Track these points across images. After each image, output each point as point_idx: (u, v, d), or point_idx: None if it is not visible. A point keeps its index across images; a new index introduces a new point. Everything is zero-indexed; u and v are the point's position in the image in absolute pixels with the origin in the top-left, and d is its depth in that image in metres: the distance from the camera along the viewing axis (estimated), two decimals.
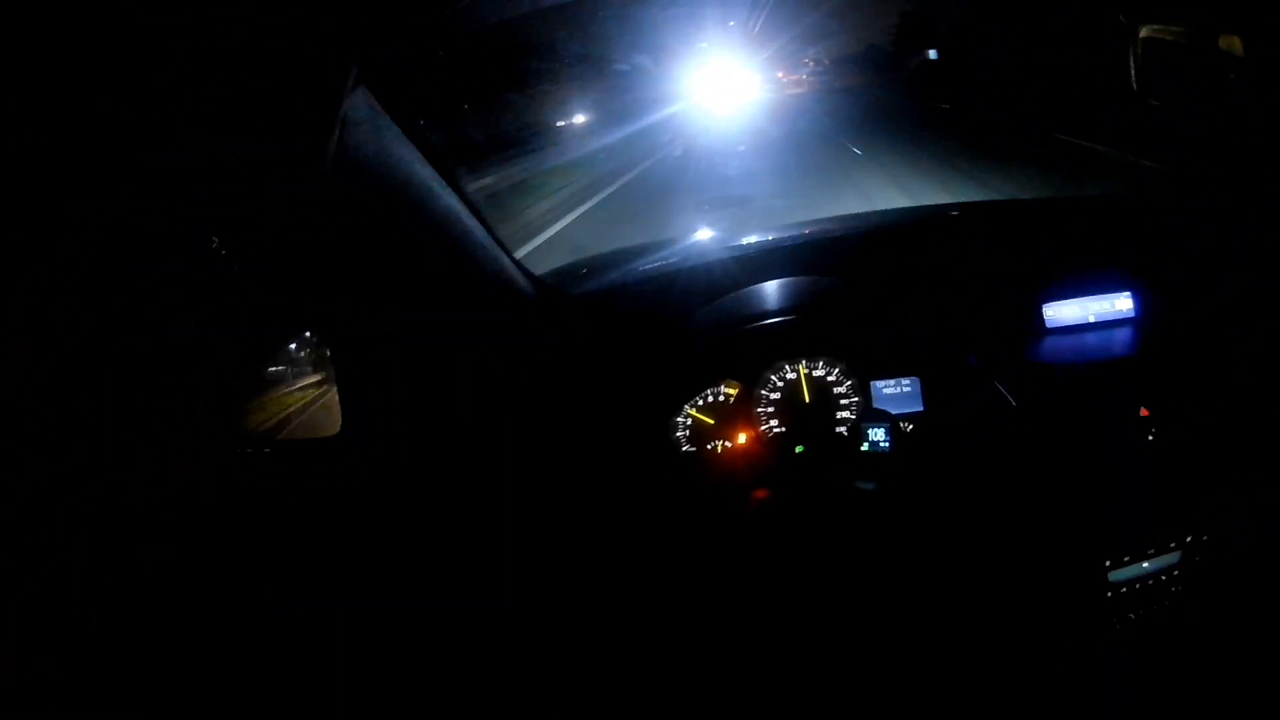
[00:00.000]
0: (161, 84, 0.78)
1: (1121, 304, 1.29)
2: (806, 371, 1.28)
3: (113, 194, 0.86)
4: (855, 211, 1.66)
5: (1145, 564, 1.09)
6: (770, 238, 1.44)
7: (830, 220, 1.59)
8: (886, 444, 1.22)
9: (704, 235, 1.62)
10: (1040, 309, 1.28)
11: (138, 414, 0.98)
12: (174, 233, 0.92)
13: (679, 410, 1.26)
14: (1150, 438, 1.16)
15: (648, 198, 7.87)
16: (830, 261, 1.37)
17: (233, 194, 0.86)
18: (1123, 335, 1.27)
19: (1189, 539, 1.11)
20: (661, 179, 8.89)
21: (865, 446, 1.23)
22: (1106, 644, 1.08)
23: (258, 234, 0.90)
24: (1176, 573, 1.10)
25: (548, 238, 6.62)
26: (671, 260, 1.44)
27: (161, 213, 0.88)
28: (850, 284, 1.32)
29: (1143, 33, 1.34)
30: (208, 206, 0.87)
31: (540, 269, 1.31)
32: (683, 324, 1.28)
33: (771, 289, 1.32)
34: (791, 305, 1.31)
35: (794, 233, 1.44)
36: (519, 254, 1.17)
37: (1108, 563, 1.08)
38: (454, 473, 1.07)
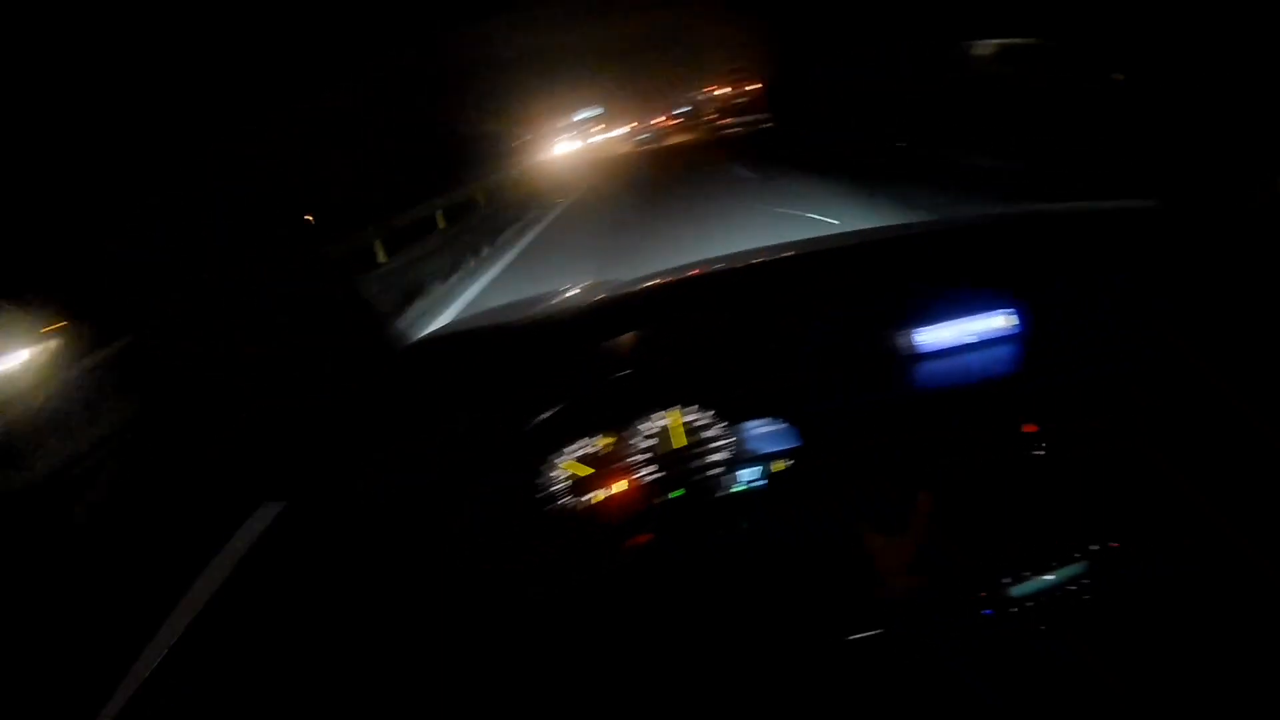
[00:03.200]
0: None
1: (1001, 321, 1.27)
2: (679, 417, 1.29)
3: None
4: (733, 251, 1.63)
5: (1049, 576, 1.06)
6: (648, 284, 1.44)
7: (706, 260, 1.55)
8: (762, 483, 1.23)
9: (587, 284, 1.60)
10: (912, 335, 1.27)
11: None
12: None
13: (554, 465, 1.27)
14: (1039, 453, 1.15)
15: None
16: (702, 302, 1.40)
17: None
18: (1004, 353, 1.25)
19: (1093, 548, 1.07)
20: None
21: (740, 487, 1.24)
22: (1001, 656, 1.03)
23: None
24: (1086, 582, 1.06)
25: None
26: (549, 310, 1.47)
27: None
28: (720, 324, 1.35)
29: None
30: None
31: None
32: (555, 376, 1.31)
33: (642, 335, 1.35)
34: (662, 350, 1.34)
35: (669, 277, 1.45)
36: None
37: (1007, 579, 1.05)
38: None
